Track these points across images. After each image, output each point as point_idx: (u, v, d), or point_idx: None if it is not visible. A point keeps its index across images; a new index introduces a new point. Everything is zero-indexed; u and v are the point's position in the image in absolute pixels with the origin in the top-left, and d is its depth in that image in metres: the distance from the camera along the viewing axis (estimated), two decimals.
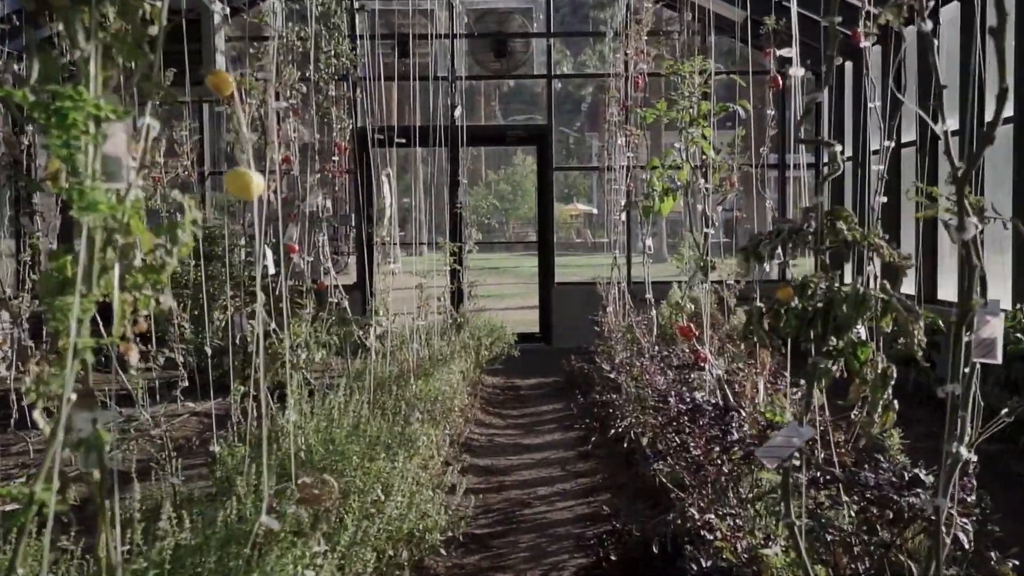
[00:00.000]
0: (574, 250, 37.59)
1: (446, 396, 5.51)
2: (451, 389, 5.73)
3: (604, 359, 7.95)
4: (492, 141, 13.72)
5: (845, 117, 11.15)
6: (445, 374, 5.73)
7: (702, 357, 4.99)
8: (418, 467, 3.79)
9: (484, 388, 9.30)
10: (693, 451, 3.80)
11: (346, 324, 6.77)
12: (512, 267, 31.66)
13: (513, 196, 43.21)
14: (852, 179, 10.41)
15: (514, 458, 6.62)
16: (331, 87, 6.73)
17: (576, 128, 40.40)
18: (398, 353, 6.10)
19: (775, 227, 2.61)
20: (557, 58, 12.87)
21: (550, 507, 5.44)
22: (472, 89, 17.32)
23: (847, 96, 11.22)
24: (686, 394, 4.29)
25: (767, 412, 3.95)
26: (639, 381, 5.82)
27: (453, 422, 5.75)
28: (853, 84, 10.97)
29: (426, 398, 4.53)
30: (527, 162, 40.47)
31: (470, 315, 9.64)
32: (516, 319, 16.72)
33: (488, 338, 9.01)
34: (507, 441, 7.19)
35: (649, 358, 6.07)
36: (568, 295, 12.61)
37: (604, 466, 6.24)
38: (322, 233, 6.41)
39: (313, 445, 3.48)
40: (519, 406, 8.68)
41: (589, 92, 40.11)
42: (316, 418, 3.74)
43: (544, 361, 10.99)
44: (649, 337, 7.83)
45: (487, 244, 36.91)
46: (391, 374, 5.56)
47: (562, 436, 7.33)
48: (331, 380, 5.66)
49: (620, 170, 8.37)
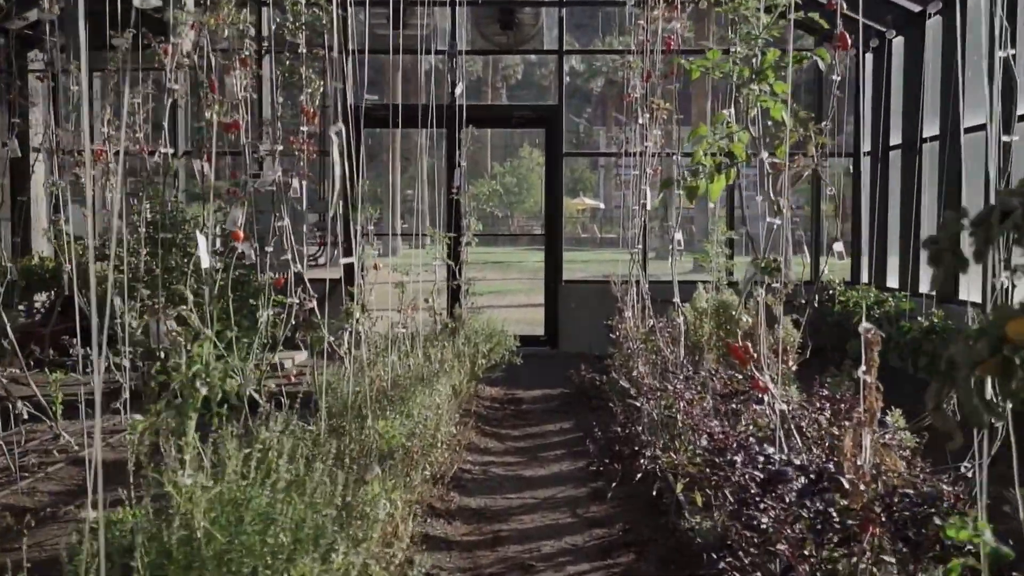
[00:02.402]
0: (580, 245, 36.49)
1: (426, 429, 4.32)
2: (435, 417, 4.54)
3: (621, 373, 6.75)
4: (497, 123, 12.51)
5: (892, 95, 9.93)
6: (428, 397, 4.54)
7: (761, 387, 3.80)
8: (371, 557, 2.61)
9: (481, 402, 8.10)
10: (771, 536, 2.61)
11: (313, 328, 5.60)
12: (516, 261, 30.53)
13: (519, 189, 42.02)
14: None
15: (513, 497, 5.43)
16: (300, 38, 5.51)
17: (585, 117, 39.17)
18: (373, 368, 4.90)
19: (994, 207, 1.45)
20: (568, 40, 11.64)
21: (558, 573, 4.25)
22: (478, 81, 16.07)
23: (894, 77, 9.99)
24: (753, 446, 3.10)
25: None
26: (671, 410, 4.62)
27: (436, 460, 4.57)
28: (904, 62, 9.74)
29: (393, 441, 3.35)
30: (533, 155, 39.25)
31: (468, 316, 8.44)
32: (519, 317, 15.52)
33: (487, 343, 7.81)
34: (505, 472, 5.99)
35: (684, 379, 4.88)
36: (577, 294, 11.40)
37: (624, 511, 5.06)
38: (282, 218, 5.23)
39: (211, 528, 2.32)
40: (521, 424, 7.48)
41: (599, 85, 38.98)
42: (226, 479, 2.56)
43: (549, 368, 9.81)
44: (675, 348, 6.64)
45: (490, 236, 35.89)
46: (358, 398, 4.38)
47: (571, 466, 6.14)
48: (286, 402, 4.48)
49: (644, 152, 7.15)
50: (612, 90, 37.41)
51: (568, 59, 15.84)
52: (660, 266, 11.02)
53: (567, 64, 14.19)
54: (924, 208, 9.35)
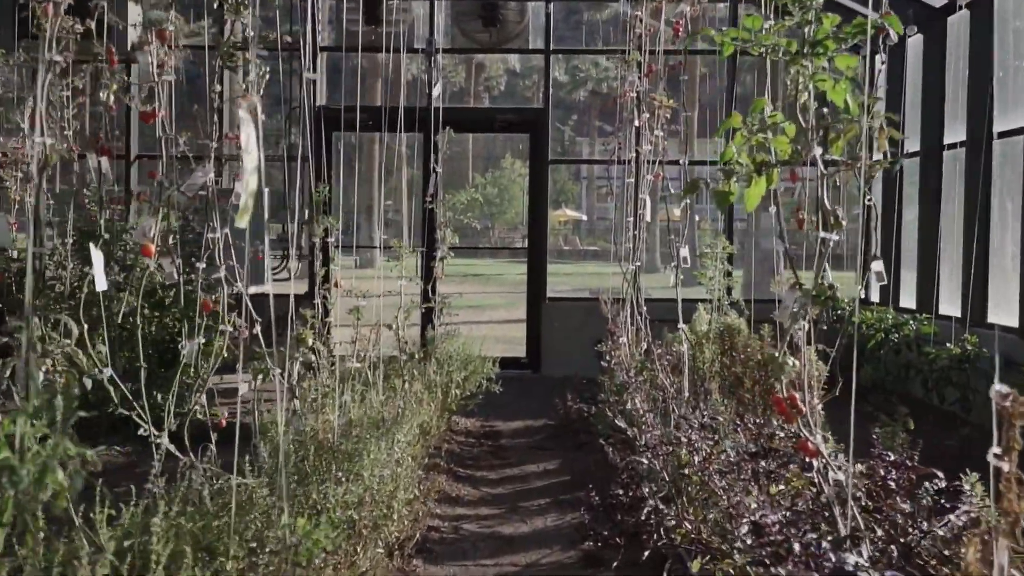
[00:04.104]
0: (563, 258, 35.71)
1: (379, 495, 3.41)
2: (392, 478, 3.63)
3: (616, 409, 5.88)
4: (478, 126, 11.61)
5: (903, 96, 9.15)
6: (384, 451, 3.63)
7: (812, 451, 2.93)
8: None
9: (454, 436, 7.20)
10: None
11: (255, 359, 4.70)
12: (497, 274, 29.62)
13: (500, 200, 41.18)
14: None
15: (489, 564, 4.52)
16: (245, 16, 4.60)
17: (570, 125, 38.53)
18: (319, 413, 4.00)
19: None
20: (554, 42, 10.78)
21: None
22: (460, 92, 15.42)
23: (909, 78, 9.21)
24: (829, 556, 2.22)
25: None
26: (685, 469, 3.74)
27: (393, 528, 3.66)
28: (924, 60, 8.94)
29: (315, 548, 2.44)
30: (515, 165, 38.40)
31: (442, 339, 7.53)
32: (500, 335, 14.60)
33: (462, 371, 6.91)
34: (480, 529, 5.09)
35: (698, 428, 4.00)
36: (561, 312, 10.52)
37: None
38: (214, 229, 4.32)
39: None
40: (499, 464, 6.58)
41: (582, 95, 38.26)
42: None
43: (531, 395, 8.93)
44: (676, 379, 5.79)
45: (468, 249, 35.04)
46: (301, 448, 3.48)
47: (557, 520, 5.25)
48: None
49: (641, 156, 6.29)
50: (596, 100, 36.73)
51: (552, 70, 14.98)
52: (648, 280, 10.17)
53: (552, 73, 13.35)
54: (944, 220, 8.56)
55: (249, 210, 2.11)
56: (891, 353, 8.00)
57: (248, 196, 2.11)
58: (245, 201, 2.09)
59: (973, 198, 7.61)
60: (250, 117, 2.17)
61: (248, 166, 2.12)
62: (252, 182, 2.16)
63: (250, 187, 2.16)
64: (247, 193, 2.11)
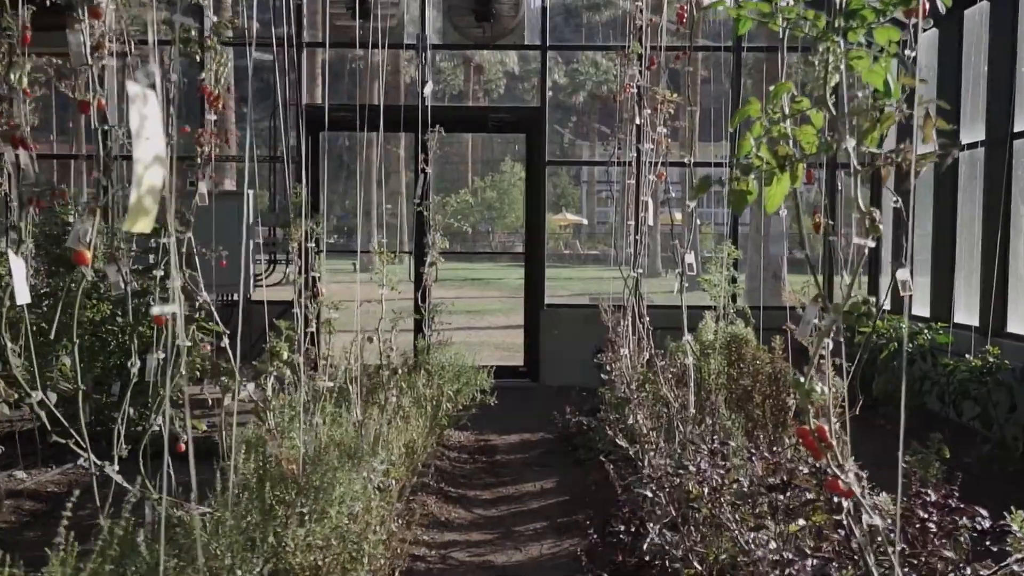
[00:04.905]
0: (563, 262, 35.34)
1: (346, 540, 3.01)
2: (364, 514, 3.23)
3: (616, 428, 5.47)
4: (471, 126, 11.22)
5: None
6: (353, 484, 3.23)
7: (844, 491, 2.53)
8: None
9: (446, 453, 6.80)
10: None
11: (221, 375, 4.32)
12: (496, 279, 29.20)
13: (500, 203, 40.80)
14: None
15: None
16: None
17: (569, 127, 38.16)
18: (286, 438, 3.59)
19: None
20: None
21: None
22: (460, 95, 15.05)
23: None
24: None
25: None
26: (695, 503, 3.34)
27: (364, 573, 3.25)
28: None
29: None
30: (515, 169, 38.00)
31: (433, 349, 7.11)
32: (498, 341, 14.21)
33: (454, 384, 6.50)
34: (471, 558, 4.68)
35: (709, 454, 3.59)
36: (561, 319, 10.11)
37: None
38: (169, 234, 3.91)
39: None
40: (493, 483, 6.18)
41: (581, 98, 37.90)
42: None
43: (529, 406, 8.53)
44: (680, 392, 5.38)
45: (466, 254, 34.52)
46: (266, 478, 3.07)
47: (555, 547, 4.86)
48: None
49: (642, 156, 5.89)
50: (596, 103, 36.39)
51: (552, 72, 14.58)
52: (650, 285, 9.76)
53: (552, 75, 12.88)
54: (960, 223, 8.17)
55: (147, 213, 1.69)
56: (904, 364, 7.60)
57: (144, 194, 1.70)
58: (137, 200, 1.68)
59: (993, 201, 7.22)
60: (146, 94, 1.75)
61: (142, 156, 1.71)
62: (150, 176, 1.74)
63: (146, 183, 1.74)
64: (140, 190, 1.70)
